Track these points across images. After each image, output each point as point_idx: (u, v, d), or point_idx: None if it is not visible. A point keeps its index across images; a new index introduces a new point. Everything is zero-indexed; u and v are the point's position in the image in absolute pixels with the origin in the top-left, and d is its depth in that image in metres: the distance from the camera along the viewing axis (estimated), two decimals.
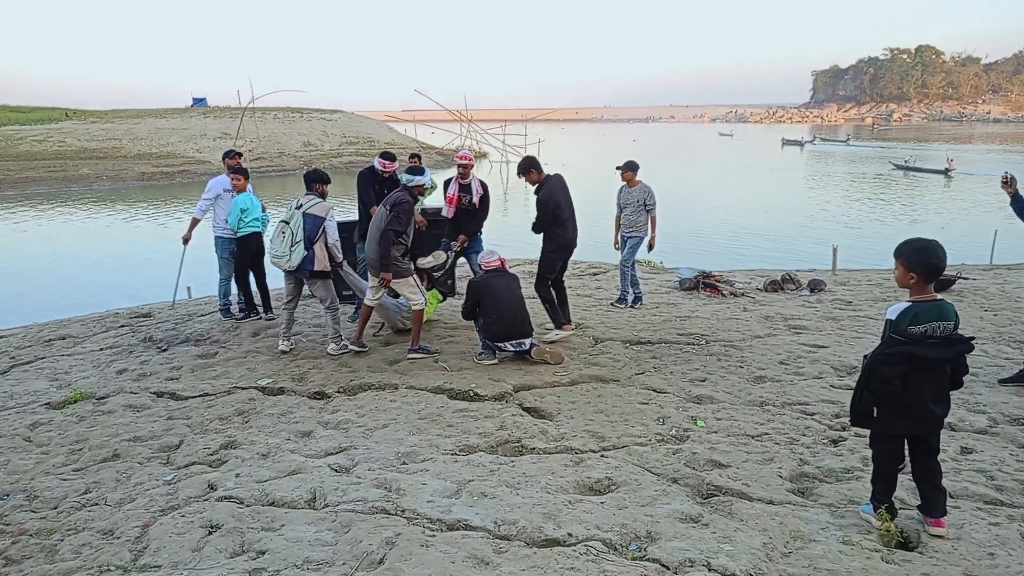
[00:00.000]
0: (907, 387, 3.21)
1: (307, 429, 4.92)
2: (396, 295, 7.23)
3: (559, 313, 7.19)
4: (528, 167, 7.11)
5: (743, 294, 10.09)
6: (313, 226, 6.65)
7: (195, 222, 8.45)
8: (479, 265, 7.11)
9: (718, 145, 72.69)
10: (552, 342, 6.95)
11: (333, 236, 6.78)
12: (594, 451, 4.50)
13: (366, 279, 7.88)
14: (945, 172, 35.24)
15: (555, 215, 6.94)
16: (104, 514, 3.71)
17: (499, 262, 6.79)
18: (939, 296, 3.30)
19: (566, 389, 5.77)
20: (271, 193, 30.77)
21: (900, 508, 3.54)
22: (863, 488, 3.85)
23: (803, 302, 9.58)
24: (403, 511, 3.53)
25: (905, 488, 3.66)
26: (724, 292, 10.11)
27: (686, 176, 37.76)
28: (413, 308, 6.80)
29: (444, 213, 8.01)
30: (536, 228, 7.09)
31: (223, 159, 8.60)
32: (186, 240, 8.58)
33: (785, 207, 24.49)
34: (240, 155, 8.59)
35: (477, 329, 6.72)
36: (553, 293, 7.21)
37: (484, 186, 7.82)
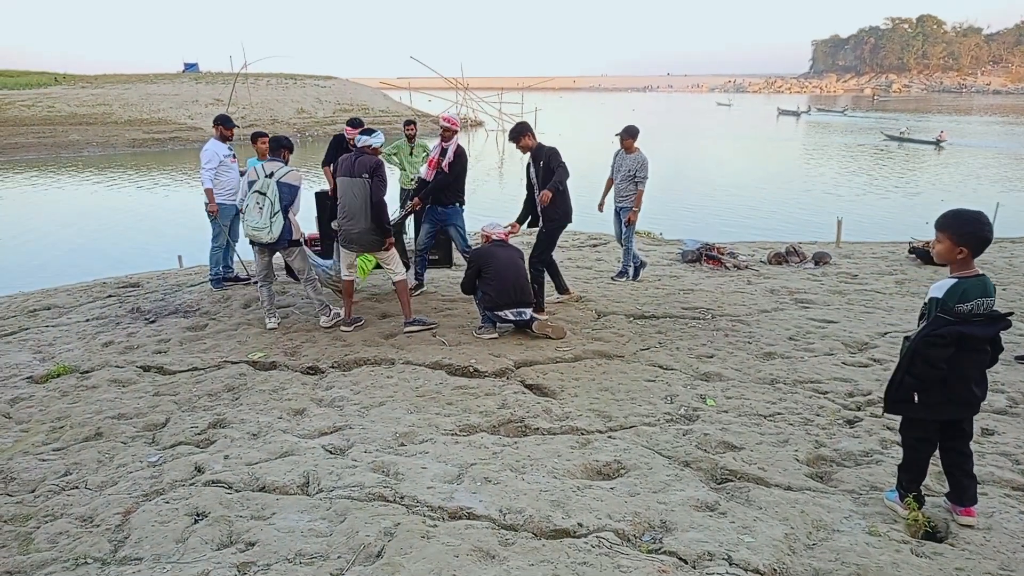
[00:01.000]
0: (952, 369, 2.99)
1: (300, 407, 4.70)
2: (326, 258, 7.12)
3: (543, 298, 6.90)
4: (521, 132, 6.79)
5: (747, 267, 9.88)
6: (289, 195, 6.39)
7: (211, 192, 8.14)
8: (481, 230, 6.89)
9: (716, 115, 72.03)
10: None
11: (297, 205, 6.55)
12: (600, 431, 4.30)
13: (327, 256, 7.65)
14: (936, 143, 35.82)
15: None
16: (84, 499, 3.49)
17: (504, 234, 6.63)
18: (980, 271, 3.07)
19: (569, 365, 5.56)
20: None
21: (925, 495, 3.35)
22: (884, 473, 3.66)
23: (808, 275, 9.38)
24: (402, 498, 3.32)
25: (930, 474, 3.47)
26: (727, 265, 9.90)
27: (684, 146, 37.40)
28: (395, 279, 6.54)
29: (423, 175, 7.70)
30: (564, 184, 6.70)
31: (253, 140, 8.36)
32: (214, 213, 8.20)
33: (782, 178, 24.17)
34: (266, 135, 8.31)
35: (476, 302, 6.51)
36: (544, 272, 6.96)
37: (459, 152, 7.36)
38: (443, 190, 7.29)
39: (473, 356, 5.72)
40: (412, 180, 9.46)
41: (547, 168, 6.65)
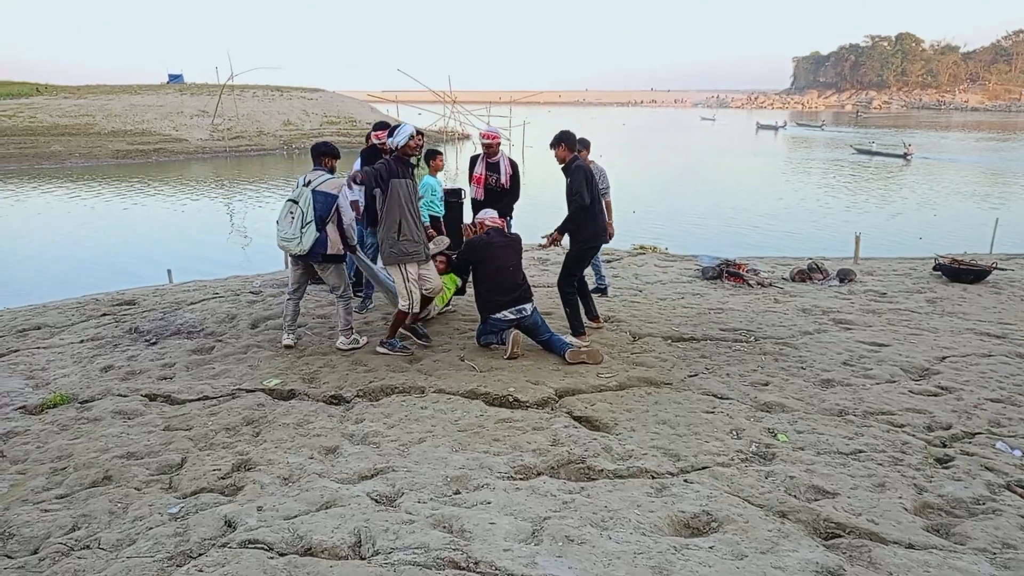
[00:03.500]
0: None
1: (331, 444, 4.22)
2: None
3: (580, 320, 6.48)
4: (555, 142, 6.35)
5: (770, 284, 9.53)
6: (324, 205, 5.92)
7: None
8: (475, 219, 6.52)
9: (702, 129, 72.22)
10: None
11: (348, 216, 6.07)
12: (672, 473, 3.86)
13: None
14: (903, 156, 37.27)
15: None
16: (98, 563, 2.99)
17: (501, 221, 6.39)
18: None
19: (616, 394, 5.12)
20: (251, 172, 29.78)
21: None
22: (1011, 526, 3.25)
23: (835, 293, 9.03)
24: (477, 563, 2.84)
25: None
26: (750, 282, 9.53)
27: (681, 159, 37.34)
28: (399, 306, 6.06)
29: (472, 195, 7.34)
30: (581, 208, 6.17)
31: (428, 158, 7.75)
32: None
33: (776, 193, 24.00)
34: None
35: (478, 336, 6.17)
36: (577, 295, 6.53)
37: (514, 165, 7.17)
38: (511, 206, 7.00)
39: (509, 383, 5.27)
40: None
41: (568, 189, 6.22)
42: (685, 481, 3.73)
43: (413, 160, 6.87)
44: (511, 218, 7.30)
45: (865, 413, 4.77)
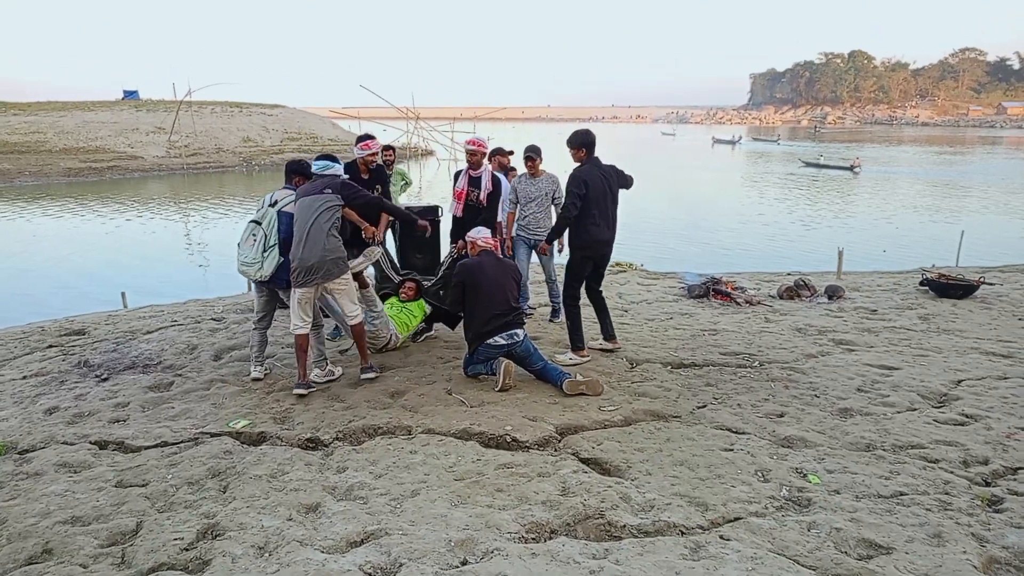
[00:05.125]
0: None
1: (312, 501, 3.69)
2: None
3: (580, 334, 6.07)
4: (580, 144, 5.95)
5: (758, 302, 9.20)
6: (290, 227, 5.40)
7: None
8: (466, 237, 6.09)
9: (663, 144, 72.71)
10: (566, 366, 5.83)
11: None
12: (703, 527, 3.42)
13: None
14: (851, 168, 38.29)
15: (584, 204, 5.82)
16: None
17: (494, 243, 6.00)
18: None
19: (623, 431, 4.67)
20: (209, 190, 28.89)
21: None
22: None
23: (825, 311, 8.74)
24: None
25: None
26: (738, 300, 9.20)
27: (639, 174, 37.23)
28: (350, 323, 5.63)
29: (451, 211, 6.89)
30: (569, 220, 5.87)
31: (492, 157, 7.50)
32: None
33: (741, 207, 23.93)
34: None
35: (465, 367, 5.73)
36: (579, 309, 6.10)
37: (496, 181, 6.70)
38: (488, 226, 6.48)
39: (505, 420, 4.79)
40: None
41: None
42: (720, 537, 3.28)
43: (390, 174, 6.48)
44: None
45: (894, 447, 4.40)
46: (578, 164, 5.93)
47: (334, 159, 5.62)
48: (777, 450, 4.36)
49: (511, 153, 7.77)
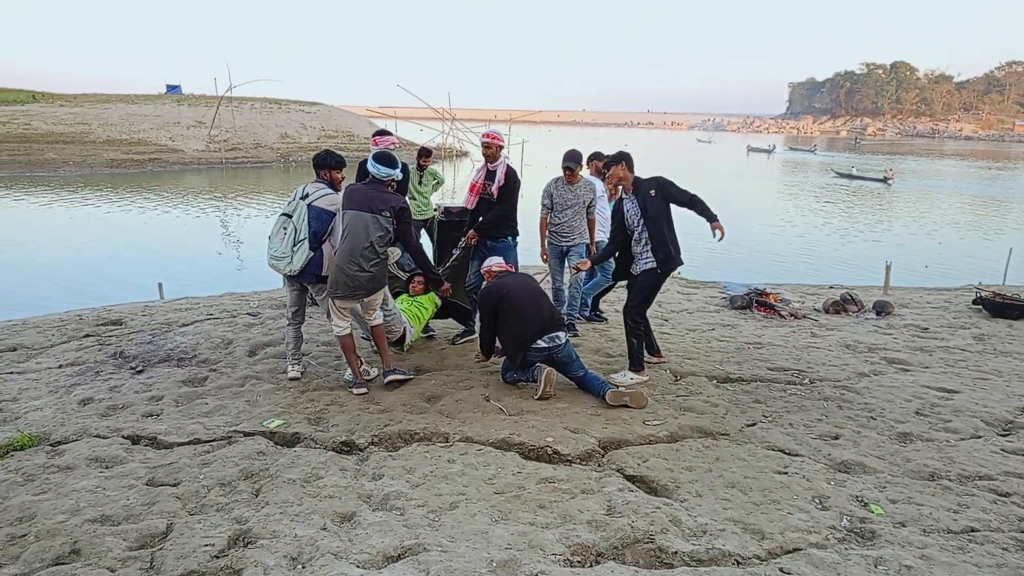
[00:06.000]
0: None
1: (347, 510, 3.54)
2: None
3: (643, 353, 5.84)
4: (614, 161, 5.75)
5: (804, 316, 8.91)
6: (321, 222, 5.28)
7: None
8: (481, 271, 5.95)
9: (700, 151, 72.01)
10: (623, 386, 5.59)
11: (337, 236, 5.41)
12: (760, 558, 3.20)
13: None
14: (884, 180, 38.17)
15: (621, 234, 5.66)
16: None
17: (511, 265, 5.98)
18: None
19: (669, 447, 4.46)
20: (247, 184, 29.13)
21: None
22: None
23: (874, 327, 8.42)
24: None
25: None
26: (783, 313, 8.91)
27: (693, 182, 36.81)
28: (371, 324, 5.52)
29: (466, 203, 6.69)
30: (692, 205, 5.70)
31: (590, 161, 7.44)
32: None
33: (779, 218, 23.48)
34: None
35: (504, 372, 5.59)
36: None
37: (509, 173, 6.34)
38: (499, 222, 6.28)
39: (546, 431, 4.61)
40: (423, 210, 8.50)
41: (660, 200, 5.62)
42: (781, 571, 3.07)
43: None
44: (513, 238, 6.51)
45: (961, 477, 4.14)
46: (622, 186, 5.72)
47: (396, 164, 5.35)
48: (834, 475, 4.12)
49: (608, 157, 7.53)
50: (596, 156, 7.49)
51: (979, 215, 26.18)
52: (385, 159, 5.31)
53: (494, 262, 5.82)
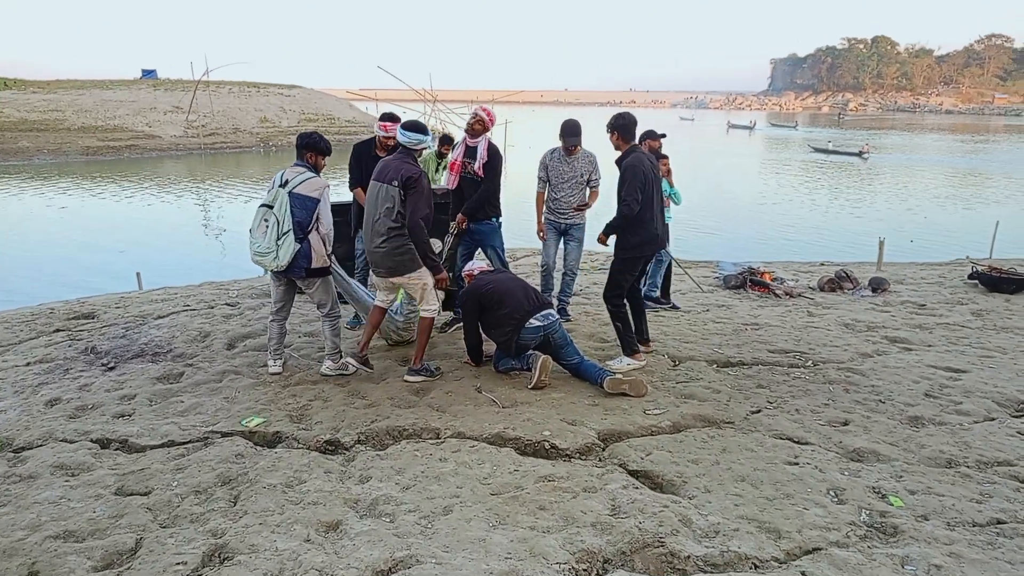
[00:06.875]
0: None
1: (332, 518, 3.28)
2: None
3: (632, 336, 5.58)
4: (618, 127, 5.45)
5: (799, 294, 8.71)
6: (304, 210, 4.95)
7: None
8: (462, 274, 5.69)
9: (683, 129, 71.68)
10: (620, 372, 5.35)
11: (327, 223, 5.10)
12: (779, 560, 2.98)
13: (365, 283, 6.26)
14: (859, 154, 38.71)
15: (642, 195, 5.31)
16: None
17: (488, 266, 5.73)
18: None
19: (672, 438, 4.23)
20: (227, 170, 28.61)
21: None
22: None
23: (871, 304, 8.24)
24: None
25: None
26: (777, 292, 8.71)
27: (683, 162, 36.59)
28: (422, 314, 5.23)
29: (446, 183, 6.39)
30: (629, 215, 5.28)
31: (642, 140, 6.79)
32: None
33: (752, 195, 23.32)
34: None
35: (496, 362, 5.34)
36: (627, 307, 5.61)
37: (492, 150, 6.05)
38: (486, 201, 6.00)
39: (542, 424, 4.37)
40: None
41: (618, 186, 5.34)
42: (802, 574, 2.85)
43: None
44: (497, 219, 6.30)
45: (979, 463, 3.94)
46: (624, 151, 5.42)
47: (426, 131, 5.06)
48: (848, 465, 3.91)
49: (663, 136, 7.13)
50: (649, 135, 6.97)
51: (960, 187, 26.19)
52: (414, 126, 5.08)
53: (475, 266, 5.56)
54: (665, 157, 7.46)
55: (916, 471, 3.83)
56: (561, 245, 6.66)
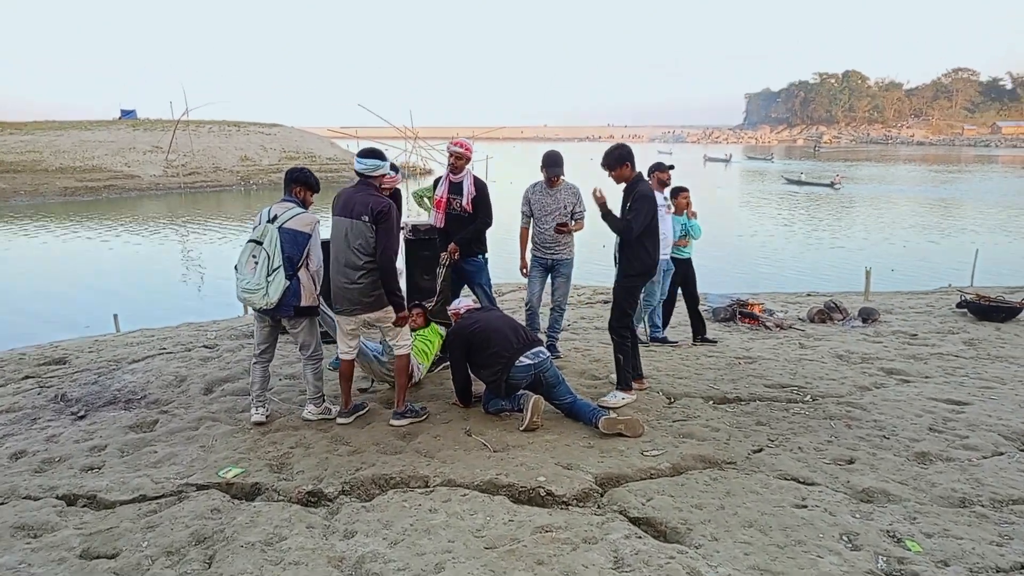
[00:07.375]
0: None
1: None
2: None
3: (630, 372, 5.42)
4: (622, 160, 5.32)
5: (790, 326, 8.61)
6: (295, 245, 4.76)
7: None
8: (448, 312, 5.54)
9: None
10: (613, 408, 5.17)
11: (317, 260, 4.91)
12: None
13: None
14: (831, 185, 39.90)
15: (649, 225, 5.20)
16: None
17: (474, 303, 5.59)
18: None
19: (673, 482, 4.03)
20: (207, 209, 28.37)
21: None
22: None
23: (862, 335, 8.15)
24: None
25: None
26: (768, 324, 8.60)
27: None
28: (397, 352, 5.03)
29: (433, 221, 6.26)
30: (627, 235, 5.21)
31: (651, 173, 6.87)
32: None
33: (731, 228, 23.45)
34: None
35: (486, 403, 5.14)
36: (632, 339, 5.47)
37: (479, 185, 6.01)
38: (477, 238, 5.89)
39: (536, 469, 4.15)
40: None
41: (630, 209, 5.24)
42: None
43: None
44: (483, 256, 6.21)
45: (993, 502, 3.77)
46: (631, 180, 5.33)
47: (382, 156, 4.88)
48: (858, 506, 3.73)
49: (671, 168, 7.07)
50: (658, 167, 6.96)
51: (935, 217, 26.51)
52: (368, 152, 4.88)
53: (461, 304, 5.39)
54: (685, 190, 7.44)
55: (930, 511, 3.66)
56: (549, 280, 6.52)
